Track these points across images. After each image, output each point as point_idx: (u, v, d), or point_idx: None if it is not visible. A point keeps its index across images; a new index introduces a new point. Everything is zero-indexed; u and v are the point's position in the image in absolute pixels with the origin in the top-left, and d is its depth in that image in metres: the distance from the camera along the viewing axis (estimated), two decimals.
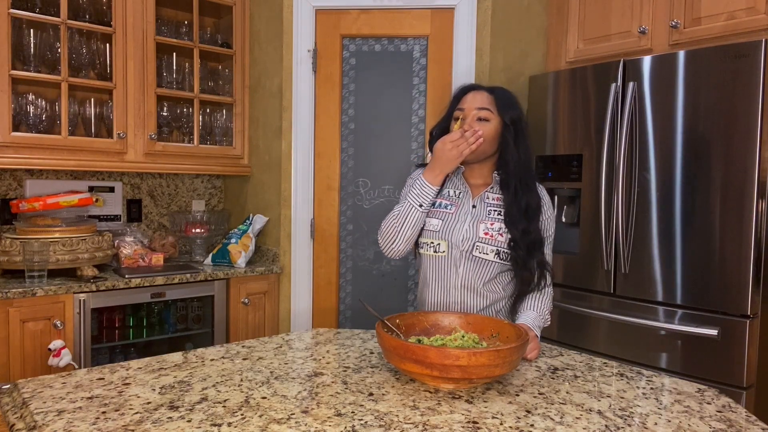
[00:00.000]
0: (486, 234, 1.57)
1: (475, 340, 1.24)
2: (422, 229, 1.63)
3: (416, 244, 1.67)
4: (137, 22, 2.52)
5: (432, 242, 1.61)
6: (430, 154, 1.68)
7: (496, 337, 1.26)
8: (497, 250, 1.57)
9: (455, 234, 1.58)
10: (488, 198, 1.63)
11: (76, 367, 2.15)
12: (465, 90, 1.65)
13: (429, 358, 1.05)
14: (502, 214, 1.60)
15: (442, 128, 1.67)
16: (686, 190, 1.99)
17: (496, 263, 1.57)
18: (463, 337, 1.25)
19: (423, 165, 1.74)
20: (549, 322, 1.62)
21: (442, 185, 1.64)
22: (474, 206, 1.62)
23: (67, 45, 2.38)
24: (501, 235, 1.57)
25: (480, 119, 1.57)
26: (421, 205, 1.56)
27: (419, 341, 1.23)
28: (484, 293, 1.59)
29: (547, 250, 1.64)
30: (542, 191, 1.66)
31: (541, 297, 1.61)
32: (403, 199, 1.68)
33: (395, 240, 1.60)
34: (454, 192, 1.66)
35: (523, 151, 1.61)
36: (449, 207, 1.63)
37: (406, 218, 1.57)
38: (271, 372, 1.20)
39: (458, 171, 1.68)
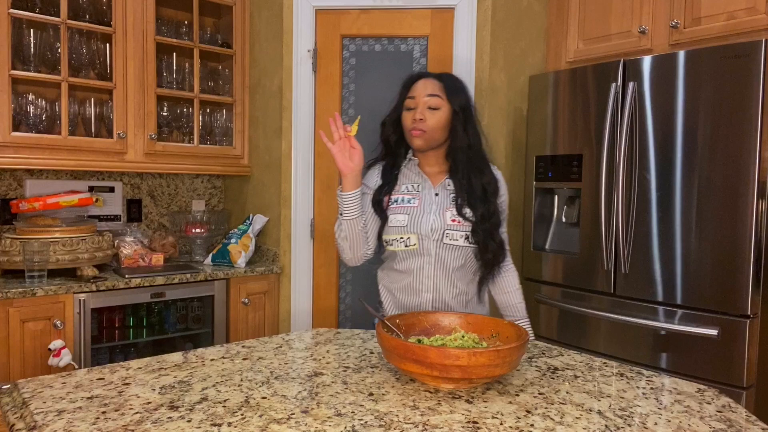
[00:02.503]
0: (453, 221, 1.61)
1: (475, 340, 1.24)
2: (387, 226, 1.64)
3: (383, 241, 1.67)
4: (137, 22, 2.52)
5: (402, 237, 1.62)
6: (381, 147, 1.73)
7: (496, 337, 1.26)
8: (466, 234, 1.61)
9: (423, 225, 1.60)
10: (449, 185, 1.66)
11: (76, 367, 2.15)
12: (414, 78, 1.67)
13: (429, 358, 1.05)
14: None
15: (394, 118, 1.69)
16: (686, 190, 1.99)
17: (465, 248, 1.61)
18: (463, 337, 1.25)
19: (371, 165, 1.74)
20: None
21: (398, 182, 1.67)
22: (437, 194, 1.65)
23: (67, 45, 2.38)
24: (468, 220, 1.62)
25: (430, 108, 1.60)
26: (352, 215, 1.58)
27: (419, 341, 1.23)
28: (454, 281, 1.63)
29: (503, 230, 1.69)
30: (497, 172, 1.71)
31: (514, 281, 1.71)
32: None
33: (355, 251, 1.63)
34: (413, 186, 1.67)
35: (473, 136, 1.65)
36: (412, 201, 1.64)
37: (350, 232, 1.60)
38: (271, 372, 1.20)
39: (413, 163, 1.70)
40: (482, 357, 1.03)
